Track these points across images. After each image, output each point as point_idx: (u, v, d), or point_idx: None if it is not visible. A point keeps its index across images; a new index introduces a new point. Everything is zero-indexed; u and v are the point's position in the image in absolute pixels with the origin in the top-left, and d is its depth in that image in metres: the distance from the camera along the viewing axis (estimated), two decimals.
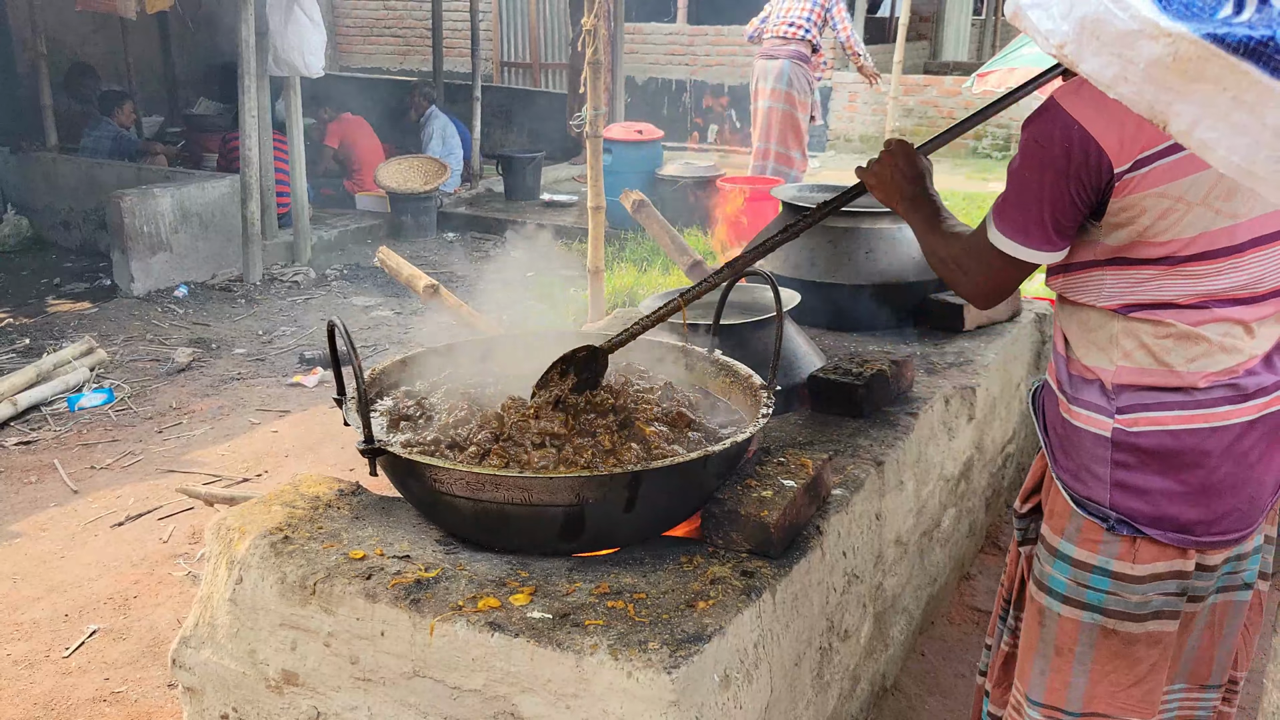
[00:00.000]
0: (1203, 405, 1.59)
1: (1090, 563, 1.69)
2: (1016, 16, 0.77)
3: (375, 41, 16.10)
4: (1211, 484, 1.61)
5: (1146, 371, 1.61)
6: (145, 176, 7.58)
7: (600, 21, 5.03)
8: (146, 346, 5.91)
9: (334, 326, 1.92)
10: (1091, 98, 1.45)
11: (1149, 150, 1.46)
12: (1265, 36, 0.64)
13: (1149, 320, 1.59)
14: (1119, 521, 1.65)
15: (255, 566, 1.98)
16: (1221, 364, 1.58)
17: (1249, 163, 0.67)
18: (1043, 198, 1.55)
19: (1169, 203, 1.50)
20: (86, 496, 4.06)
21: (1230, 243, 1.53)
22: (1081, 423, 1.68)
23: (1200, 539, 1.64)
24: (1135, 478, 1.63)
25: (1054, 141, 1.51)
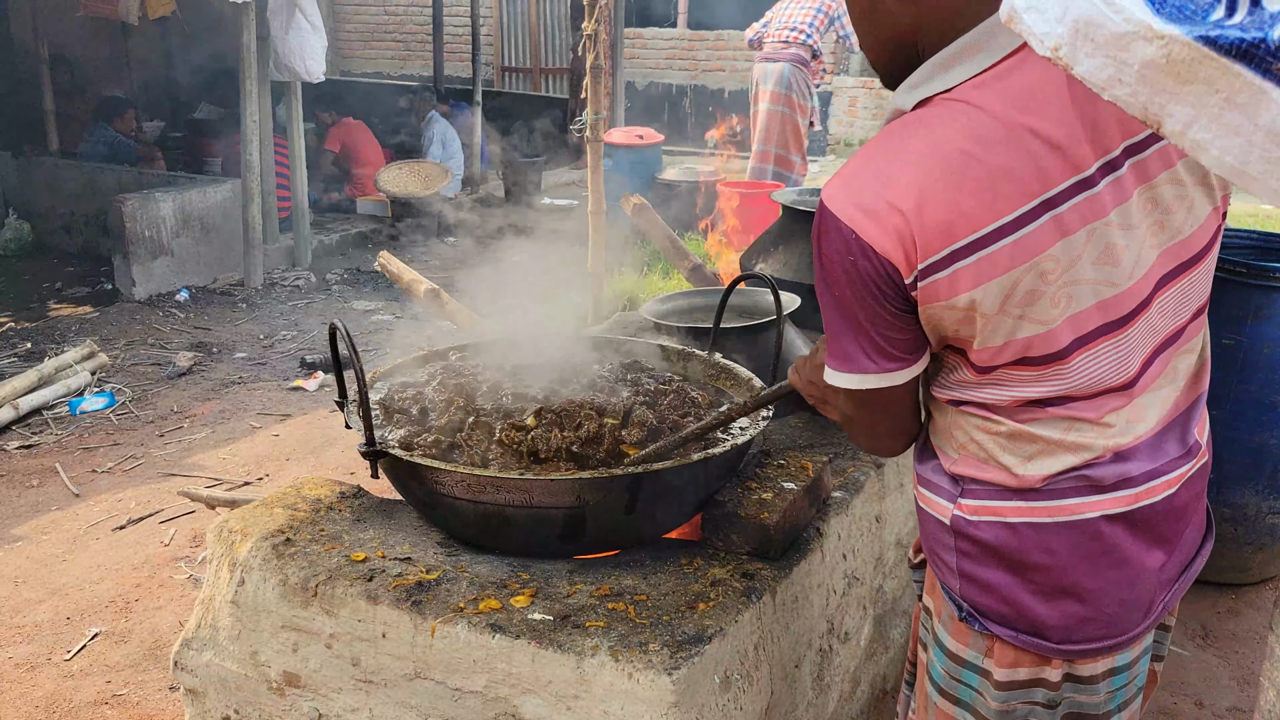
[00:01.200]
0: (1044, 497, 1.35)
1: (961, 656, 1.48)
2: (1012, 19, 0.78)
3: (376, 46, 16.13)
4: (1063, 585, 1.37)
5: (982, 465, 1.38)
6: (146, 181, 7.60)
7: (601, 27, 5.04)
8: (148, 350, 5.92)
9: (336, 329, 1.93)
10: (862, 195, 1.25)
11: (931, 257, 1.23)
12: (1256, 39, 0.65)
13: (978, 417, 1.37)
14: (969, 615, 1.44)
15: (257, 569, 1.99)
16: (1064, 463, 1.34)
17: (1242, 163, 0.68)
18: (859, 319, 1.31)
19: (962, 314, 1.26)
20: (88, 500, 4.07)
21: (1045, 350, 1.28)
22: (925, 504, 1.48)
23: (1060, 646, 1.40)
24: (980, 571, 1.41)
25: (837, 255, 1.27)
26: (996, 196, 1.21)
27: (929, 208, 1.21)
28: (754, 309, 2.98)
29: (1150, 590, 1.41)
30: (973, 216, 1.21)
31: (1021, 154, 1.22)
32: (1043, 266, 1.23)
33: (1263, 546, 3.44)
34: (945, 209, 1.21)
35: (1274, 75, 0.65)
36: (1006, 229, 1.21)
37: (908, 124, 1.29)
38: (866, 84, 12.95)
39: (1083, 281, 1.25)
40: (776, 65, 8.16)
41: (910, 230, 1.22)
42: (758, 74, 8.30)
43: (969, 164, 1.21)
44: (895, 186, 1.23)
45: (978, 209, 1.21)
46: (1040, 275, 1.23)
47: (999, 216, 1.21)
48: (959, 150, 1.22)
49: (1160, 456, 1.37)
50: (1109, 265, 1.26)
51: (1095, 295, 1.26)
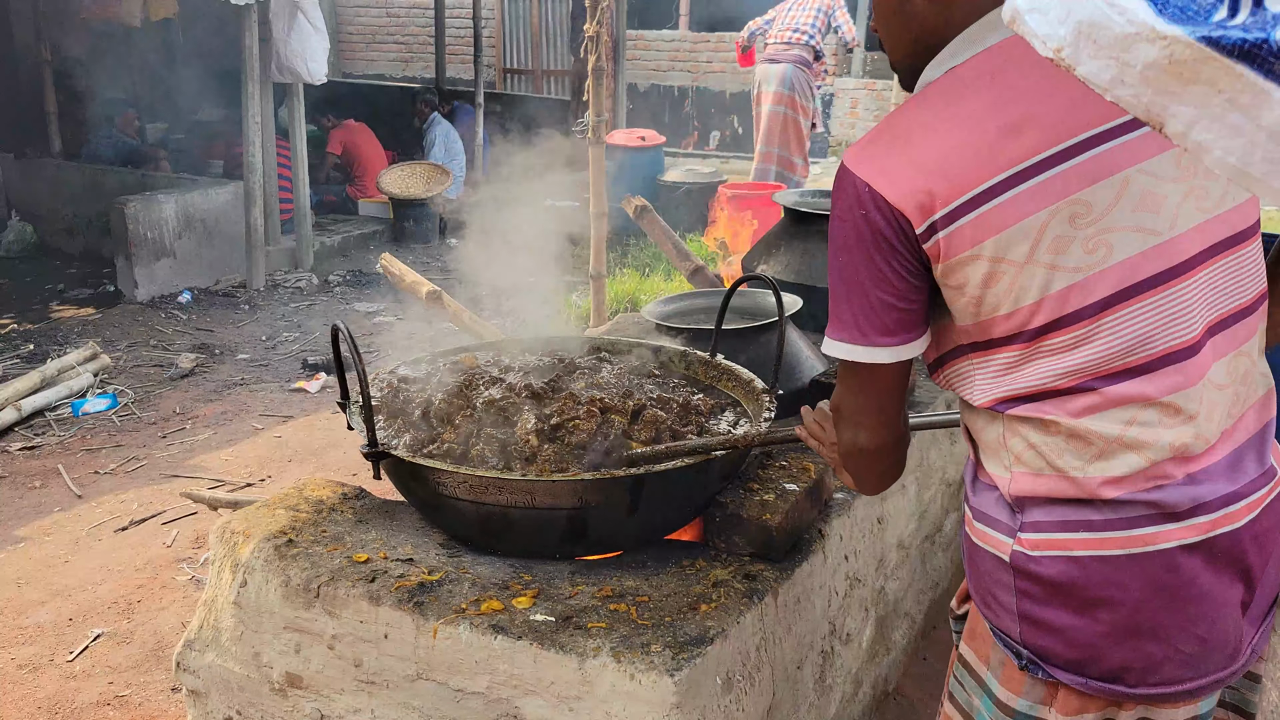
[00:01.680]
0: (1115, 527, 1.26)
1: (1012, 706, 1.37)
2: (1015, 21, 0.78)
3: (378, 48, 16.14)
4: (1138, 623, 1.27)
5: (1040, 477, 1.29)
6: (149, 183, 7.61)
7: (603, 28, 5.05)
8: (150, 352, 5.93)
9: (338, 331, 1.93)
10: (879, 154, 1.27)
11: (948, 206, 1.21)
12: (1259, 39, 0.65)
13: (1029, 418, 1.28)
14: (1031, 662, 1.34)
15: (259, 570, 1.99)
16: (1130, 465, 1.24)
17: (1244, 164, 0.68)
18: (861, 282, 1.29)
19: (988, 266, 1.23)
20: (90, 501, 4.07)
21: (1085, 301, 1.22)
22: (980, 540, 1.37)
23: (1135, 689, 1.29)
24: (1044, 612, 1.30)
25: (852, 213, 1.27)
26: (1018, 144, 1.20)
27: (946, 162, 1.22)
28: (756, 310, 2.98)
29: (1233, 628, 1.30)
30: (991, 165, 1.21)
31: (1049, 99, 1.22)
32: (1071, 210, 1.20)
33: None
34: (963, 161, 1.22)
35: (1276, 76, 0.65)
36: (1029, 172, 1.20)
37: (929, 93, 1.30)
38: (869, 85, 12.95)
39: (1123, 228, 1.21)
40: (779, 66, 8.16)
41: (927, 183, 1.22)
42: (760, 75, 8.31)
43: (990, 117, 1.22)
44: (913, 144, 1.25)
45: (996, 158, 1.21)
46: (1070, 220, 1.21)
47: (1020, 161, 1.20)
48: (979, 104, 1.23)
49: (1238, 478, 1.28)
50: (1149, 213, 1.22)
51: (1139, 244, 1.22)
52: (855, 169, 1.27)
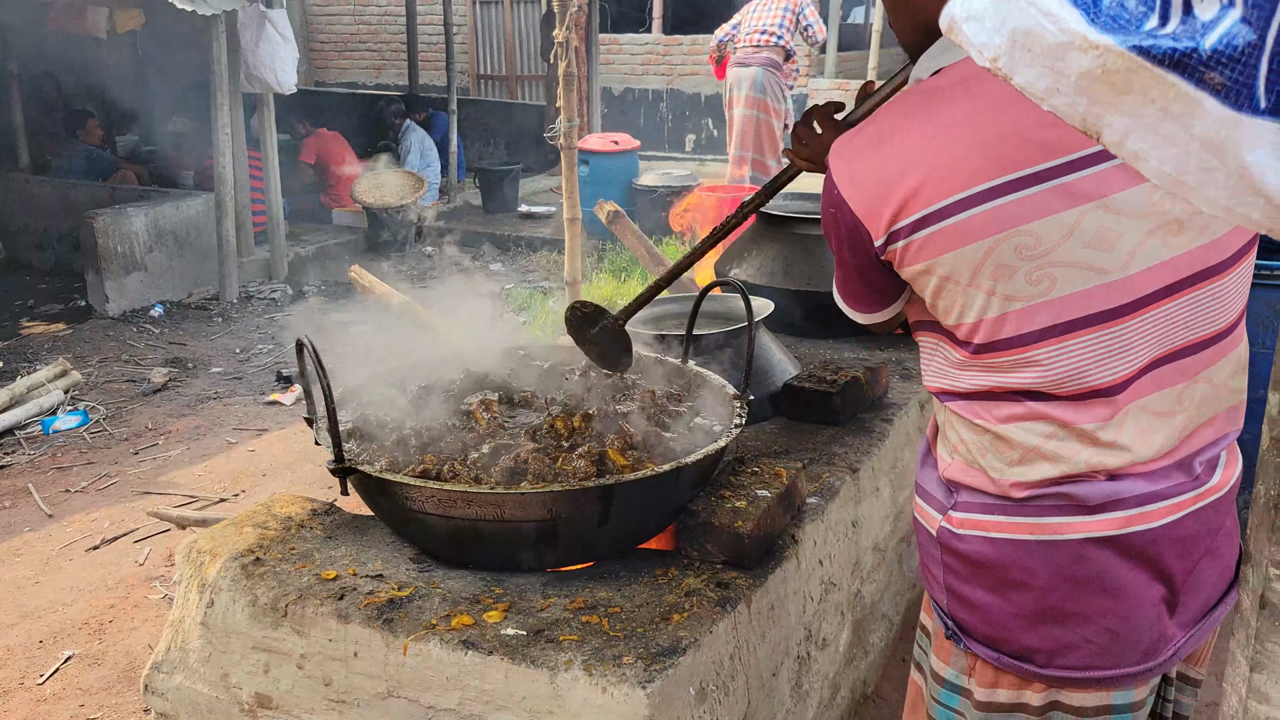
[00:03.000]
0: (1027, 513, 1.32)
1: (941, 674, 1.47)
2: (951, 30, 0.78)
3: (350, 56, 16.08)
4: (1045, 609, 1.33)
5: (969, 469, 1.37)
6: (119, 196, 7.54)
7: (572, 33, 5.03)
8: (122, 367, 5.87)
9: (303, 345, 1.91)
10: (856, 153, 1.34)
11: (907, 219, 1.26)
12: (1189, 48, 0.64)
13: (961, 415, 1.36)
14: (954, 633, 1.43)
15: (226, 589, 1.96)
16: (1042, 473, 1.29)
17: (1179, 173, 0.68)
18: (844, 261, 1.41)
19: (936, 281, 1.28)
20: (61, 520, 4.02)
21: (1019, 330, 1.25)
22: (919, 515, 1.48)
23: (1043, 670, 1.35)
24: (964, 588, 1.39)
25: (830, 208, 1.38)
26: (976, 166, 1.23)
27: (909, 176, 1.27)
28: (728, 315, 2.97)
29: (1149, 626, 1.32)
30: (952, 181, 1.24)
31: (1015, 127, 1.23)
32: (1018, 240, 1.22)
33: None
34: (928, 173, 1.25)
35: (1207, 85, 0.64)
36: (986, 195, 1.22)
37: (910, 97, 1.35)
38: (842, 86, 12.99)
39: (1069, 264, 1.22)
40: (749, 70, 8.16)
41: (888, 196, 1.28)
42: (731, 79, 8.31)
43: (957, 136, 1.25)
44: (885, 152, 1.31)
45: (959, 175, 1.23)
46: (1016, 250, 1.22)
47: (979, 182, 1.22)
48: (950, 126, 1.27)
49: (1160, 481, 1.29)
50: (1100, 251, 1.22)
51: (1084, 281, 1.23)
52: (833, 168, 1.36)
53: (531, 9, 14.55)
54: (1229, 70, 0.63)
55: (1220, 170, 0.65)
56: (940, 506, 1.42)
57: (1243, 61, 0.63)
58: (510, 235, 8.72)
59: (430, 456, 2.00)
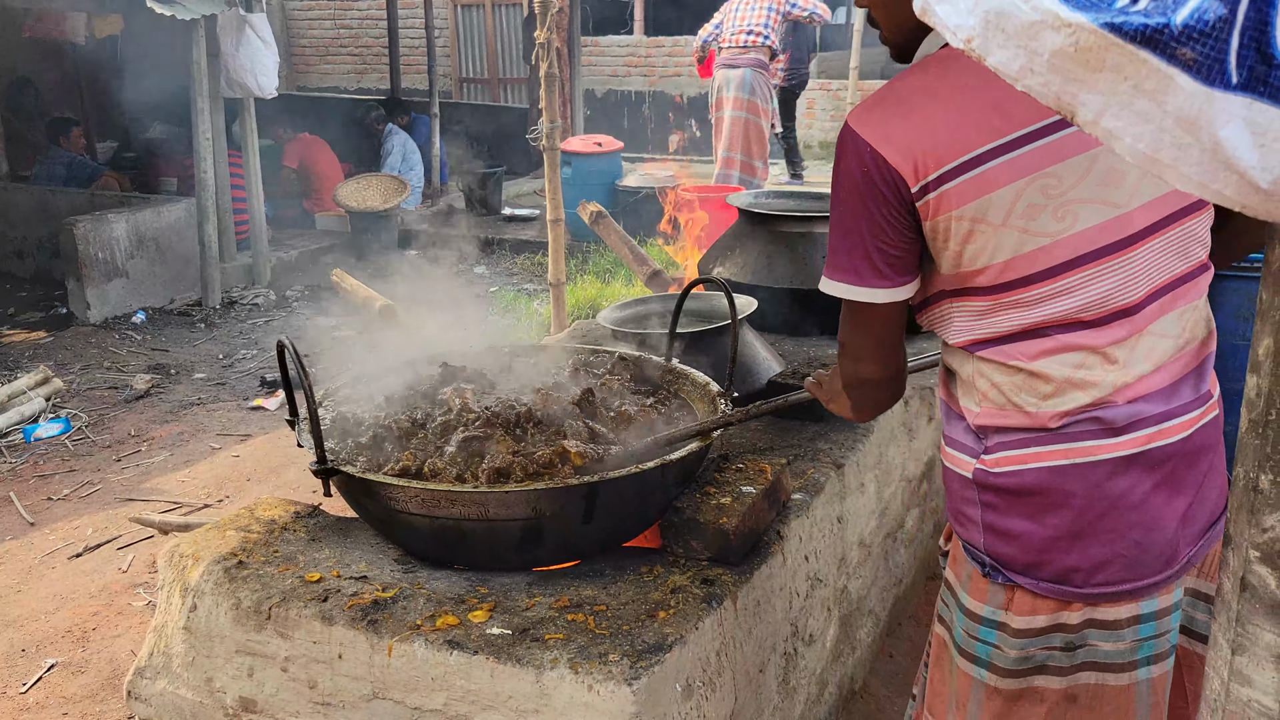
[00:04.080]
0: (1060, 440, 1.43)
1: (978, 613, 1.54)
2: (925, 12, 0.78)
3: (331, 60, 16.03)
4: (1082, 527, 1.43)
5: (1002, 412, 1.46)
6: (99, 202, 7.49)
7: (554, 35, 5.02)
8: (104, 374, 5.83)
9: (284, 347, 1.90)
10: (881, 117, 1.40)
11: (938, 170, 1.36)
12: (1160, 24, 0.64)
13: (994, 360, 1.45)
14: (993, 568, 1.51)
15: (209, 593, 1.95)
16: (1076, 401, 1.41)
17: (1153, 150, 0.68)
18: (860, 231, 1.43)
19: (969, 225, 1.38)
20: (43, 528, 3.99)
21: (1049, 264, 1.38)
22: (950, 463, 1.56)
23: (1081, 589, 1.45)
24: (1003, 521, 1.48)
25: (853, 169, 1.41)
26: (1003, 118, 1.35)
27: (939, 130, 1.36)
28: (712, 313, 2.97)
29: (1170, 536, 1.45)
30: (977, 136, 1.36)
31: None
32: (1044, 182, 1.35)
33: None
34: (953, 130, 1.36)
35: (1179, 60, 0.64)
36: (1010, 145, 1.35)
37: (928, 64, 1.43)
38: (824, 86, 13.02)
39: (1088, 200, 1.36)
40: (738, 71, 8.11)
41: (921, 148, 1.36)
42: (719, 80, 8.25)
43: (979, 92, 1.36)
44: (911, 113, 1.39)
45: (982, 130, 1.35)
46: (1042, 190, 1.36)
47: (1002, 134, 1.35)
48: (969, 83, 1.37)
49: (1174, 399, 1.43)
50: (1112, 187, 1.37)
51: (1099, 215, 1.37)
52: (860, 130, 1.41)
53: (513, 12, 14.54)
54: (1200, 45, 0.63)
55: (1194, 146, 0.65)
56: (972, 452, 1.51)
57: (1214, 36, 0.63)
58: (494, 238, 8.70)
59: (408, 454, 1.99)
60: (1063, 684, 1.51)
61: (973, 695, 1.57)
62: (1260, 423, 0.80)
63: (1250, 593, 0.83)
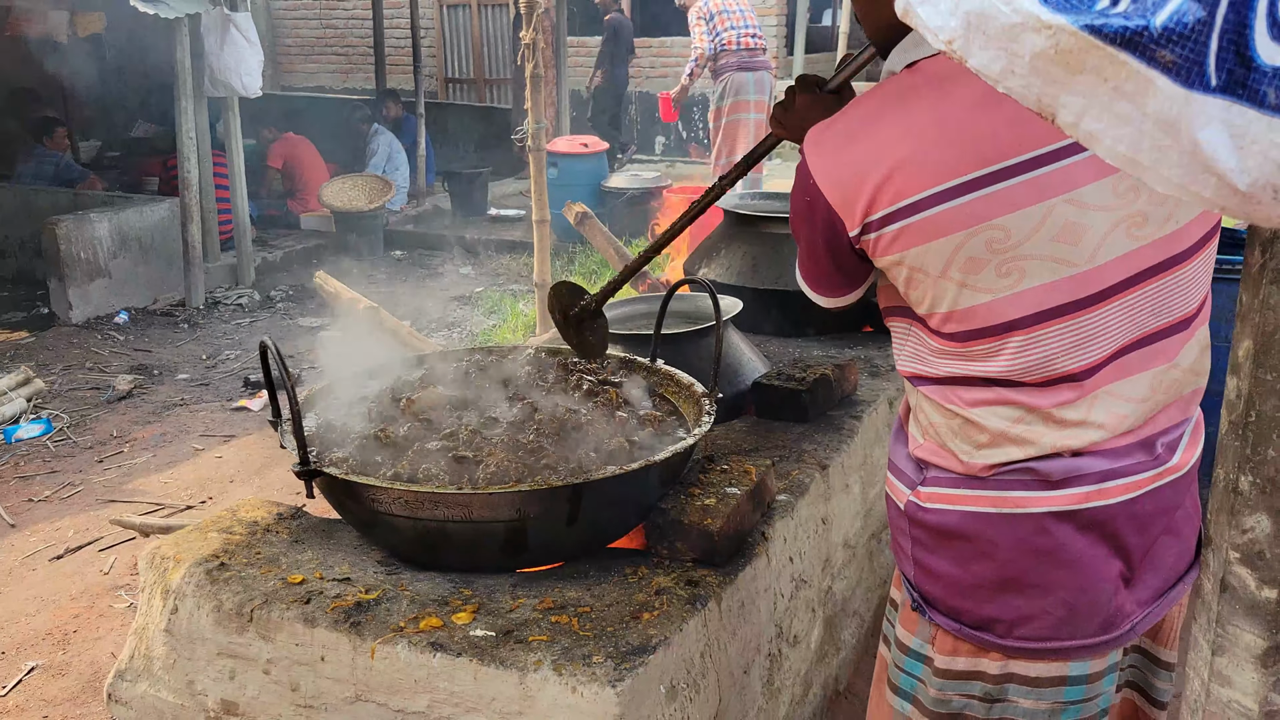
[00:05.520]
0: (989, 487, 1.36)
1: (907, 644, 1.52)
2: (907, 13, 0.78)
3: (317, 60, 15.96)
4: (1006, 579, 1.37)
5: (938, 451, 1.42)
6: (82, 202, 7.44)
7: (540, 35, 5.02)
8: (86, 375, 5.79)
9: (266, 348, 1.89)
10: (829, 149, 1.37)
11: (879, 212, 1.30)
12: (1140, 26, 0.64)
13: (933, 400, 1.40)
14: (919, 604, 1.48)
15: (190, 595, 1.94)
16: (1009, 455, 1.34)
17: (1134, 152, 0.68)
18: (813, 245, 1.44)
19: (907, 271, 1.32)
20: (24, 530, 3.96)
21: (989, 321, 1.29)
22: (890, 489, 1.54)
23: (1002, 640, 1.40)
24: (929, 558, 1.44)
25: (802, 195, 1.40)
26: (948, 161, 1.26)
27: (884, 167, 1.29)
28: (697, 314, 2.97)
29: (1106, 600, 1.36)
30: (920, 178, 1.27)
31: (985, 123, 1.26)
32: (988, 235, 1.25)
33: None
34: (900, 169, 1.28)
35: (1158, 63, 0.64)
36: (956, 191, 1.25)
37: (886, 90, 1.37)
38: None
39: (1038, 257, 1.26)
40: (758, 74, 7.97)
41: (862, 188, 1.31)
42: (735, 83, 8.00)
43: (929, 132, 1.28)
44: (860, 145, 1.33)
45: (930, 171, 1.26)
46: (986, 243, 1.26)
47: (950, 178, 1.25)
48: (923, 122, 1.29)
49: (1123, 459, 1.33)
50: (1067, 244, 1.26)
51: (1052, 273, 1.26)
52: (808, 157, 1.39)
53: (499, 13, 14.51)
54: (1179, 48, 0.63)
55: (1173, 149, 0.65)
56: (910, 482, 1.47)
57: (1193, 39, 0.63)
58: (480, 238, 8.68)
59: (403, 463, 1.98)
60: None
61: None
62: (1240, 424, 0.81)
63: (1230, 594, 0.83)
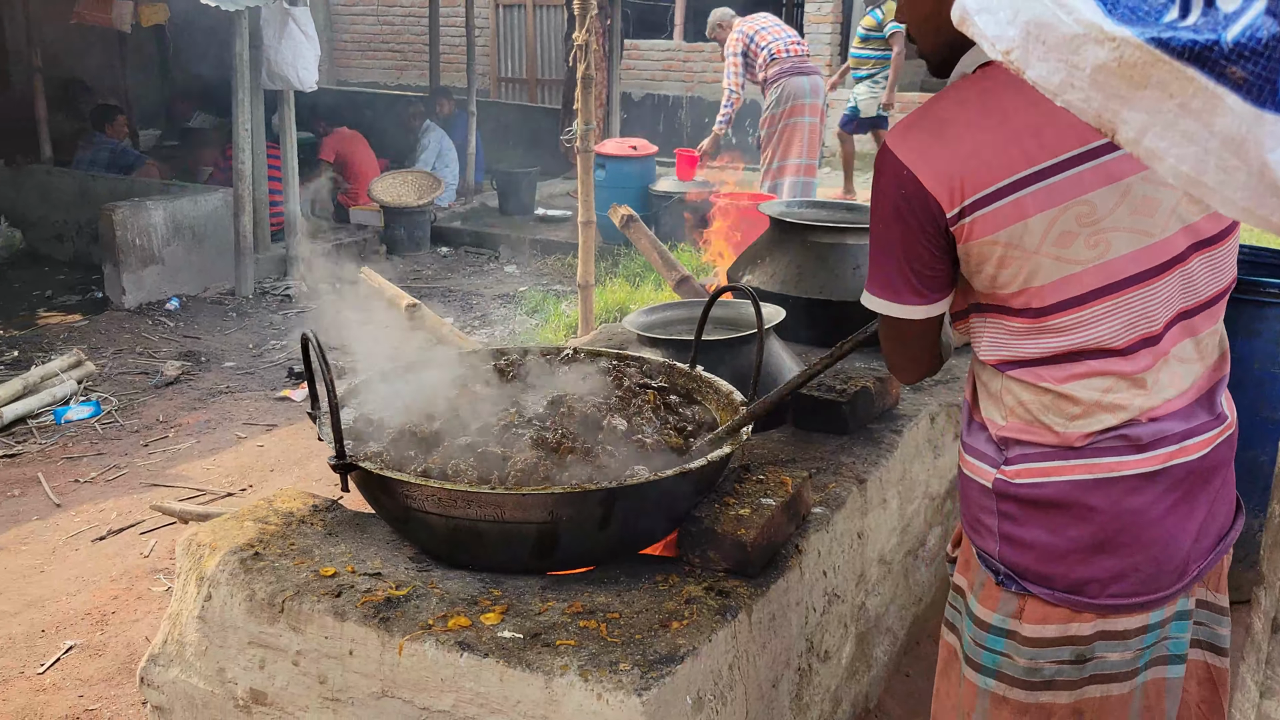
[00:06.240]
0: (1084, 455, 1.45)
1: (988, 621, 1.56)
2: (964, 22, 0.75)
3: (372, 56, 16.13)
4: (1101, 540, 1.46)
5: (1028, 428, 1.49)
6: (138, 189, 7.57)
7: (592, 37, 5.02)
8: (135, 359, 5.88)
9: (308, 340, 1.90)
10: (920, 140, 1.41)
11: (974, 196, 1.38)
12: (1209, 40, 0.61)
13: (1023, 380, 1.47)
14: (1007, 577, 1.53)
15: (224, 583, 1.95)
16: (1103, 423, 1.44)
17: (1198, 172, 0.65)
18: (896, 250, 1.47)
19: (1002, 251, 1.40)
20: (69, 510, 4.02)
21: (1079, 291, 1.40)
22: (969, 471, 1.58)
23: (1095, 600, 1.48)
24: (1020, 530, 1.50)
25: (891, 190, 1.44)
26: (1038, 145, 1.35)
27: (975, 155, 1.37)
28: (739, 321, 2.95)
29: (1184, 551, 1.48)
30: (1012, 162, 1.36)
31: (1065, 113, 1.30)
32: (1077, 210, 1.36)
33: (1254, 565, 3.40)
34: (989, 156, 1.37)
35: (1228, 79, 0.61)
36: (1044, 173, 1.35)
37: (965, 86, 1.44)
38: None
39: (1121, 229, 1.38)
40: (812, 79, 8.03)
41: (957, 173, 1.37)
42: (790, 88, 7.99)
43: (1014, 117, 1.36)
44: (948, 136, 1.40)
45: (1017, 156, 1.36)
46: (1076, 218, 1.37)
47: (1039, 161, 1.35)
48: (1005, 108, 1.37)
49: (1193, 419, 1.47)
50: (1144, 216, 1.38)
51: (1132, 243, 1.39)
52: (897, 151, 1.42)
53: (554, 14, 14.56)
54: (1252, 64, 0.60)
55: (1241, 170, 0.62)
56: (993, 462, 1.53)
57: (1267, 55, 0.60)
58: (526, 237, 8.71)
59: (436, 460, 1.99)
60: (1070, 699, 1.53)
61: (978, 705, 1.59)
62: None
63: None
